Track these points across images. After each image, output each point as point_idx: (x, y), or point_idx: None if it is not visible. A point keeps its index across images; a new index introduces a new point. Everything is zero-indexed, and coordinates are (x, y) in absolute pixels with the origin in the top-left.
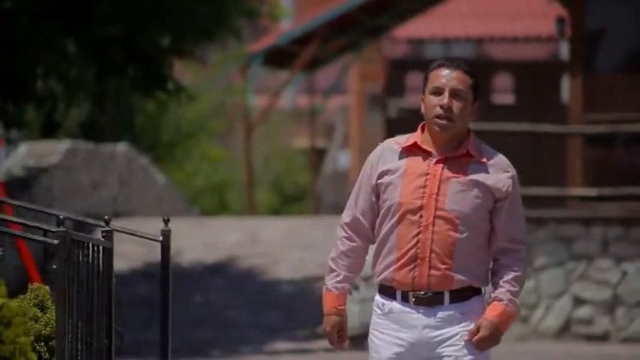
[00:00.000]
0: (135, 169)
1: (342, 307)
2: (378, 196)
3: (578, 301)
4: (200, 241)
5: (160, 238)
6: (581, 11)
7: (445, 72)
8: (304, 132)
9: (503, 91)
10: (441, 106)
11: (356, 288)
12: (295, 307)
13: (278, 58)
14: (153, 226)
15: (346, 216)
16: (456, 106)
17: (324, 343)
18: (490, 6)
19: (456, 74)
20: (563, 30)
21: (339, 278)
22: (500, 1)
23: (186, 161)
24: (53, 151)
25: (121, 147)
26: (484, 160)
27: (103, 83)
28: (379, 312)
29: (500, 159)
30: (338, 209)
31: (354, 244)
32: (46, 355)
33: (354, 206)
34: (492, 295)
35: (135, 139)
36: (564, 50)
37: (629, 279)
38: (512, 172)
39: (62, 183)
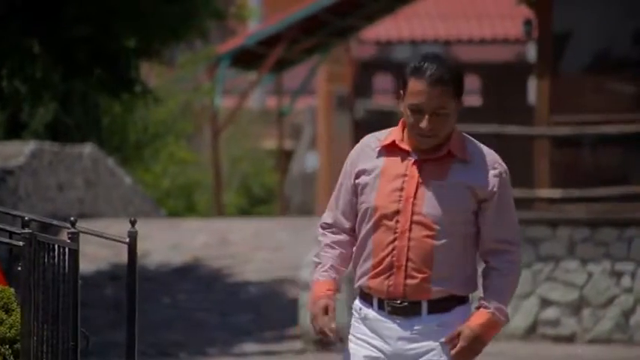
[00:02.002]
0: (101, 171)
1: (331, 292)
2: (357, 196)
3: (545, 303)
4: (167, 242)
5: (127, 240)
6: (547, 13)
7: (425, 87)
8: (272, 133)
9: (470, 93)
10: (421, 128)
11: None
12: (264, 309)
13: (246, 59)
14: (120, 227)
15: (327, 216)
16: (439, 122)
17: (293, 345)
18: (458, 8)
19: (437, 92)
20: (530, 32)
21: (325, 267)
22: (468, 2)
23: (153, 162)
24: (18, 152)
25: (88, 148)
26: (468, 158)
27: (70, 84)
28: (357, 316)
29: (487, 156)
30: (306, 210)
31: (339, 236)
32: (11, 357)
33: (335, 207)
34: (479, 301)
35: (101, 140)
36: (531, 52)
37: (595, 280)
38: (500, 168)
39: (28, 184)
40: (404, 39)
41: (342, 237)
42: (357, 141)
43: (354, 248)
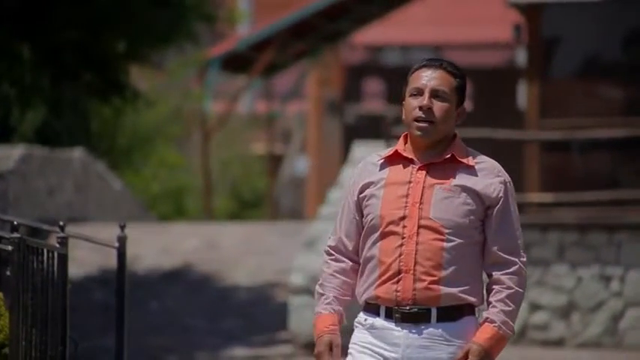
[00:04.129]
0: (91, 175)
1: (334, 327)
2: (362, 214)
3: (534, 307)
4: (157, 247)
5: (116, 245)
6: (537, 18)
7: (426, 72)
8: (262, 138)
9: None
10: (421, 107)
11: (311, 293)
12: (253, 313)
13: (236, 63)
14: (109, 232)
15: (331, 240)
16: (438, 107)
17: (283, 349)
18: (448, 12)
19: (437, 74)
20: (520, 36)
21: (328, 300)
22: (458, 7)
23: (143, 167)
24: (8, 156)
25: (77, 152)
26: (472, 164)
27: (59, 88)
28: (360, 327)
29: (491, 163)
30: (296, 215)
31: (342, 264)
32: None
33: (339, 229)
34: (484, 315)
35: (91, 144)
36: (521, 56)
37: (584, 284)
38: (504, 177)
39: (17, 189)
40: (394, 44)
41: (345, 265)
42: (347, 145)
43: (360, 266)
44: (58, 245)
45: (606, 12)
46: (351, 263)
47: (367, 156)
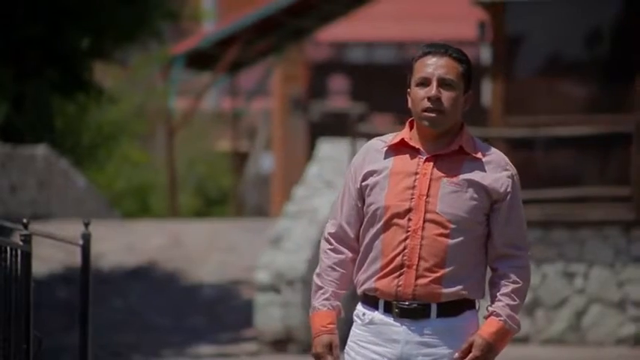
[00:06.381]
0: (55, 172)
1: (333, 326)
2: (363, 201)
3: None
4: (122, 244)
5: (81, 242)
6: (501, 15)
7: (432, 60)
8: (227, 135)
9: None
10: (429, 98)
11: (277, 290)
12: (218, 311)
13: (200, 60)
14: (73, 229)
15: (331, 225)
16: (446, 96)
17: (248, 347)
18: (413, 9)
19: (443, 61)
20: (485, 34)
21: (326, 295)
22: (423, 4)
23: (107, 164)
24: None
25: (41, 149)
26: (479, 157)
27: (22, 85)
28: (359, 322)
29: (498, 156)
30: (261, 212)
31: (341, 256)
32: None
33: (339, 214)
34: (489, 309)
35: (55, 141)
36: (485, 54)
37: (548, 281)
38: (512, 170)
39: None
40: (358, 40)
41: (344, 256)
42: (312, 142)
43: (359, 254)
44: (21, 243)
45: (569, 10)
46: (350, 254)
47: (369, 142)
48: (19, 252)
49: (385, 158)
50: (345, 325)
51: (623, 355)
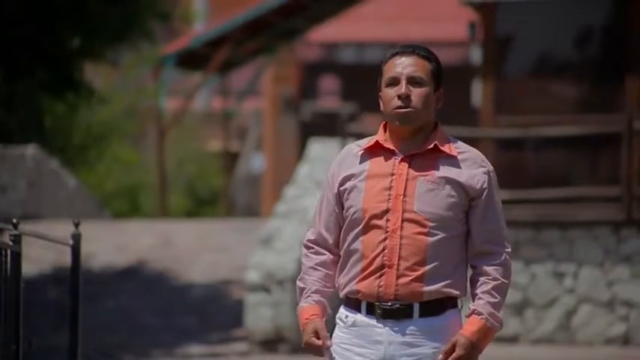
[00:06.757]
0: (45, 172)
1: (316, 315)
2: (342, 206)
3: None
4: (112, 244)
5: (71, 242)
6: (492, 16)
7: (400, 60)
8: (218, 135)
9: None
10: (399, 96)
11: (267, 290)
12: (208, 311)
13: (191, 60)
14: (63, 229)
15: (310, 233)
16: (416, 93)
17: (239, 347)
18: (403, 10)
19: (412, 60)
20: (475, 34)
21: (309, 292)
22: (413, 5)
23: (97, 164)
24: None
25: (31, 149)
26: (455, 154)
27: (12, 85)
28: (342, 325)
29: (474, 153)
30: (251, 212)
31: (322, 257)
32: None
33: (318, 222)
34: (470, 307)
35: (45, 141)
36: (476, 54)
37: (538, 281)
38: (488, 167)
39: None
40: (349, 40)
41: (325, 257)
42: (303, 143)
43: (341, 258)
44: (11, 243)
45: (559, 10)
46: (331, 256)
47: (345, 147)
48: (8, 252)
49: (361, 162)
50: (329, 325)
51: (613, 355)
